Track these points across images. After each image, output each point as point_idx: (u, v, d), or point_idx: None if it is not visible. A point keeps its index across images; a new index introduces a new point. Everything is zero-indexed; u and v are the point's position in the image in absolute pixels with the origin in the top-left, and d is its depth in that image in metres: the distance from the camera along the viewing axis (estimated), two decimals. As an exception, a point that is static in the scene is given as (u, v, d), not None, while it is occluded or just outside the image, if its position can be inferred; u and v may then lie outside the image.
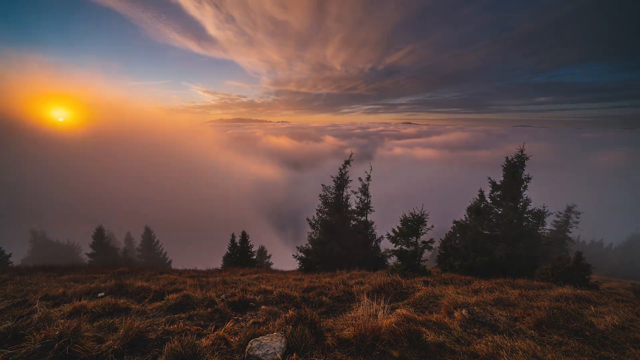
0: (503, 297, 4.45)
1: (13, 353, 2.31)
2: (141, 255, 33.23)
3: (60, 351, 2.35)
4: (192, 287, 6.02)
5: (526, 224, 10.60)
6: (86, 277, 8.75)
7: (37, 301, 4.34)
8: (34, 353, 2.30)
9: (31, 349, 2.34)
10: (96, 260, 27.81)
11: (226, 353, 2.52)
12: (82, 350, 2.40)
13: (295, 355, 2.35)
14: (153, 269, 12.60)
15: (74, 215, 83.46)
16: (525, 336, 3.01)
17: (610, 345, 2.86)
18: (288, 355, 2.37)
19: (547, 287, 5.50)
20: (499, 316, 3.50)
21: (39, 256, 31.31)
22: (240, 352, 2.50)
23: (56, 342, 2.38)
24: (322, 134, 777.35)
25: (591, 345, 2.87)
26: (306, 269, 15.54)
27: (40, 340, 2.40)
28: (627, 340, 2.94)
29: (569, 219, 21.39)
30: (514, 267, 9.57)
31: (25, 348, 2.35)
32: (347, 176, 16.27)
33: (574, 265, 7.16)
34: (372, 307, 3.12)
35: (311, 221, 17.04)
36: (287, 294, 4.96)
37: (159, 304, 4.25)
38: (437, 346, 2.73)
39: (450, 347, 2.72)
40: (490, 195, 11.28)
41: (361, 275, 8.35)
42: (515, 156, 10.66)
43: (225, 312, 3.96)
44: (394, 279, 5.36)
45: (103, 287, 5.49)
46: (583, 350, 2.77)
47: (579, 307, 3.85)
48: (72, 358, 2.35)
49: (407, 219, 10.46)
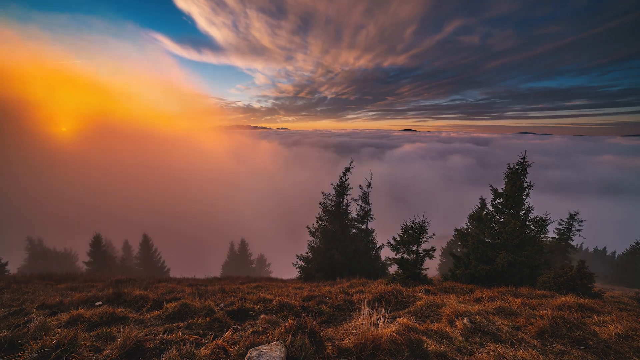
0: (505, 305, 4.40)
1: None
2: (139, 263, 32.87)
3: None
4: (191, 296, 5.95)
5: (528, 232, 10.56)
6: (83, 285, 8.66)
7: (34, 310, 4.30)
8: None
9: (28, 358, 2.31)
10: (94, 268, 27.50)
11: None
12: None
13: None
14: (151, 278, 12.46)
15: (71, 223, 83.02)
16: (528, 345, 2.97)
17: (613, 355, 2.82)
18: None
19: (549, 296, 5.45)
20: (501, 325, 3.46)
21: (36, 264, 30.96)
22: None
23: (53, 352, 2.35)
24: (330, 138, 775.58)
25: (594, 354, 2.83)
26: (306, 277, 15.35)
27: (37, 350, 2.38)
28: (631, 349, 2.90)
29: (571, 226, 21.26)
30: (516, 275, 9.47)
31: (22, 357, 2.33)
32: (348, 184, 16.30)
33: (576, 273, 7.08)
34: (372, 316, 3.10)
35: (311, 229, 16.95)
36: (286, 303, 4.90)
37: (157, 312, 4.20)
38: (439, 356, 2.69)
39: (451, 357, 2.69)
40: (492, 202, 11.29)
41: (362, 284, 8.26)
42: (517, 163, 10.72)
43: (224, 321, 3.91)
44: (394, 288, 5.31)
45: (100, 295, 5.43)
46: (586, 359, 2.73)
47: (581, 316, 3.81)
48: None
49: (408, 227, 10.44)
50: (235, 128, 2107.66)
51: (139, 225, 72.05)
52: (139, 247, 33.02)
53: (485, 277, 9.54)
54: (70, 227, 75.02)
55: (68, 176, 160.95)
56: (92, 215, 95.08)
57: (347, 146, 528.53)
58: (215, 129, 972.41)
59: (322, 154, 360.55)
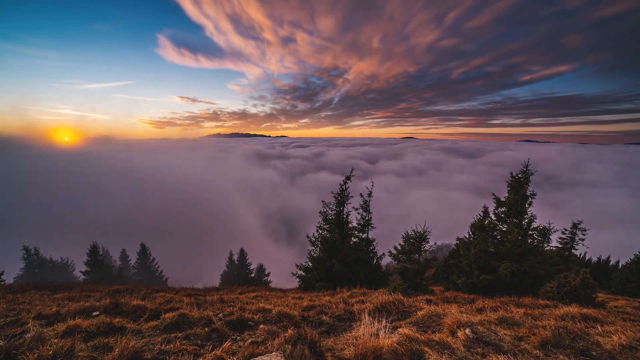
0: (507, 316, 4.35)
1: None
2: (137, 273, 32.41)
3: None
4: (189, 306, 5.87)
5: (531, 241, 10.40)
6: (80, 295, 8.54)
7: (30, 320, 4.24)
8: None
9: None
10: (91, 278, 27.12)
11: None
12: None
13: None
14: (149, 287, 12.28)
15: (68, 232, 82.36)
16: (530, 356, 2.92)
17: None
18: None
19: (552, 306, 5.38)
20: (503, 335, 3.41)
21: (32, 274, 30.53)
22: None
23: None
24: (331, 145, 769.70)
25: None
26: (306, 287, 15.13)
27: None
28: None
29: (575, 235, 21.02)
30: (518, 285, 9.35)
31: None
32: (348, 192, 16.30)
33: (580, 283, 7.01)
34: (373, 326, 3.07)
35: (311, 238, 16.83)
36: (286, 313, 4.84)
37: (155, 323, 4.14)
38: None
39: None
40: (495, 211, 11.10)
41: (362, 294, 8.14)
42: (519, 172, 10.53)
43: (223, 332, 3.86)
44: (395, 298, 5.25)
45: (98, 305, 5.35)
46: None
47: (585, 326, 3.76)
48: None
49: (409, 236, 10.38)
50: (236, 136, 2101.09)
51: (136, 234, 71.57)
52: (136, 257, 32.65)
53: (488, 287, 9.43)
54: (67, 236, 74.42)
55: (66, 184, 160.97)
56: (89, 224, 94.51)
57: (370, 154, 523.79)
58: (214, 137, 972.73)
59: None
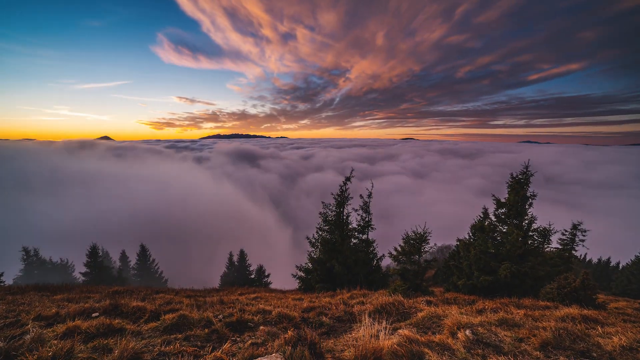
0: (508, 317, 4.34)
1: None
2: (136, 274, 32.37)
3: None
4: (189, 307, 5.85)
5: (531, 242, 10.38)
6: (80, 296, 8.52)
7: (30, 321, 4.24)
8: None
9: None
10: (90, 279, 27.05)
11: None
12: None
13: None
14: (149, 288, 12.25)
15: (67, 233, 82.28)
16: (531, 357, 2.92)
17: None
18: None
19: (553, 307, 5.37)
20: (503, 337, 3.41)
21: (32, 275, 30.47)
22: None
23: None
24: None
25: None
26: (306, 288, 15.11)
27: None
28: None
29: (575, 236, 21.00)
30: (519, 286, 9.34)
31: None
32: (348, 193, 16.30)
33: (580, 284, 7.00)
34: (373, 328, 3.06)
35: (311, 240, 16.81)
36: (286, 314, 4.83)
37: (154, 324, 4.14)
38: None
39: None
40: (495, 212, 11.09)
41: (362, 295, 8.13)
42: (520, 172, 10.50)
43: (223, 333, 3.85)
44: (396, 299, 5.25)
45: (97, 306, 5.34)
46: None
47: (585, 327, 3.76)
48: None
49: (410, 237, 10.37)
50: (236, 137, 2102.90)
51: (136, 235, 71.51)
52: (136, 258, 32.60)
53: (488, 288, 9.41)
54: (66, 237, 74.35)
55: (65, 185, 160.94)
56: (88, 226, 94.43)
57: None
58: (214, 139, 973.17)
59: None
